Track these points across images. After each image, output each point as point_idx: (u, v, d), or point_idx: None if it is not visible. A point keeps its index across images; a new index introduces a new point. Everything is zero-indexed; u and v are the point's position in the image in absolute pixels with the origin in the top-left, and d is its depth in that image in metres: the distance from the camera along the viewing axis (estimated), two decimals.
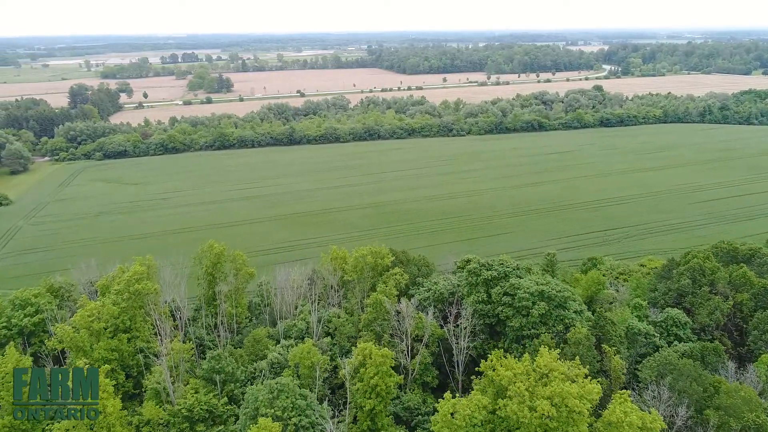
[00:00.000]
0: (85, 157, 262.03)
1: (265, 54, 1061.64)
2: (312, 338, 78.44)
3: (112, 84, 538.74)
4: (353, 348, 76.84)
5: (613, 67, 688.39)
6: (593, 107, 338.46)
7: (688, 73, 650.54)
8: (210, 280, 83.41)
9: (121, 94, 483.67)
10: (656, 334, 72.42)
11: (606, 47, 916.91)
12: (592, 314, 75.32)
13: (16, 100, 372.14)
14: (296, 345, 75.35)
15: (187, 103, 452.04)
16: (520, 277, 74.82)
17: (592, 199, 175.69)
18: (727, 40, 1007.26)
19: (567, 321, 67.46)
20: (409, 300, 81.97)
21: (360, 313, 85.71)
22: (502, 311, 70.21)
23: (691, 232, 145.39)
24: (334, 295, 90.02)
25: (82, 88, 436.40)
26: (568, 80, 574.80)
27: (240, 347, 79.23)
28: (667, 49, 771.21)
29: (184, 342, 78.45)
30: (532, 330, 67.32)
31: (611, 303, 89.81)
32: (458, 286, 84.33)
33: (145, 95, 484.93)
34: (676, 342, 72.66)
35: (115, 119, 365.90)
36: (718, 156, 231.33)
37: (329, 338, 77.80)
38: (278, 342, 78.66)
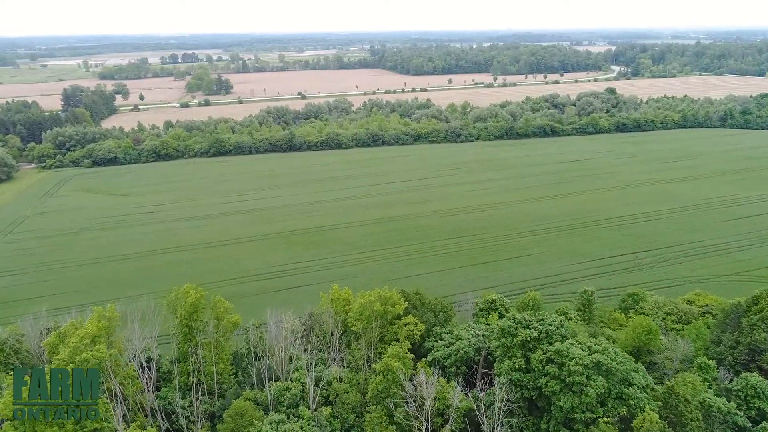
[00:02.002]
0: (74, 164, 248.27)
1: (266, 54, 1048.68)
2: (308, 407, 64.36)
3: (109, 85, 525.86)
4: (357, 421, 63.32)
5: (622, 68, 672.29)
6: (607, 111, 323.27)
7: (700, 75, 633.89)
8: (186, 332, 69.09)
9: (117, 95, 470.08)
10: (738, 412, 57.92)
11: (612, 47, 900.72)
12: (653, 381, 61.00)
13: (7, 103, 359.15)
14: (288, 419, 61.42)
15: (185, 105, 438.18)
16: (565, 337, 60.53)
17: (618, 214, 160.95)
18: (733, 40, 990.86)
19: (632, 402, 53.00)
20: (427, 361, 67.92)
21: (367, 371, 71.42)
22: (546, 384, 55.83)
23: (732, 255, 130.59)
24: (336, 348, 75.54)
25: (76, 89, 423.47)
26: (577, 81, 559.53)
27: (220, 417, 65.07)
28: (676, 49, 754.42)
29: (151, 414, 64.49)
30: (587, 413, 52.96)
31: (662, 352, 75.75)
32: (484, 337, 70.24)
33: (142, 97, 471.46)
34: (763, 422, 58.18)
35: (110, 122, 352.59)
36: (747, 165, 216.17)
37: (329, 408, 63.54)
38: (266, 411, 64.55)
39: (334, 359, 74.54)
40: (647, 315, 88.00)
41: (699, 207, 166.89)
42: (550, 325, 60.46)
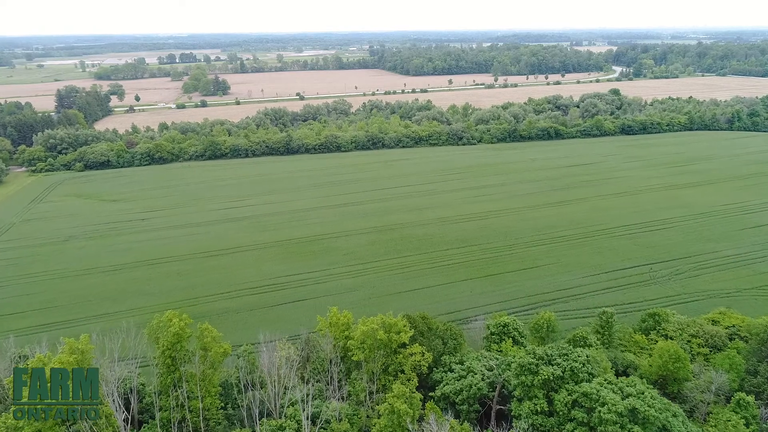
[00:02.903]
0: (65, 167, 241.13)
1: (264, 54, 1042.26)
2: None
3: (105, 86, 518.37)
4: None
5: (624, 69, 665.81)
6: (612, 113, 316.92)
7: (703, 75, 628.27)
8: (169, 364, 62.48)
9: (112, 96, 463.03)
10: None
11: (613, 48, 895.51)
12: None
13: None
14: None
15: (181, 106, 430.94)
16: (592, 375, 54.03)
17: (628, 222, 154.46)
18: (734, 40, 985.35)
19: None
20: (436, 396, 61.36)
21: (368, 406, 64.96)
22: None
23: (751, 267, 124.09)
24: (335, 380, 68.90)
25: (71, 90, 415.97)
26: (579, 82, 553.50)
27: None
28: (678, 49, 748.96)
29: None
30: None
31: (690, 380, 69.54)
32: (497, 368, 63.79)
33: (138, 98, 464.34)
34: None
35: (104, 124, 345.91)
36: (758, 170, 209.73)
37: None
38: None
39: (333, 393, 67.99)
40: (671, 338, 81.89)
41: (711, 214, 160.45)
42: (575, 361, 53.97)
